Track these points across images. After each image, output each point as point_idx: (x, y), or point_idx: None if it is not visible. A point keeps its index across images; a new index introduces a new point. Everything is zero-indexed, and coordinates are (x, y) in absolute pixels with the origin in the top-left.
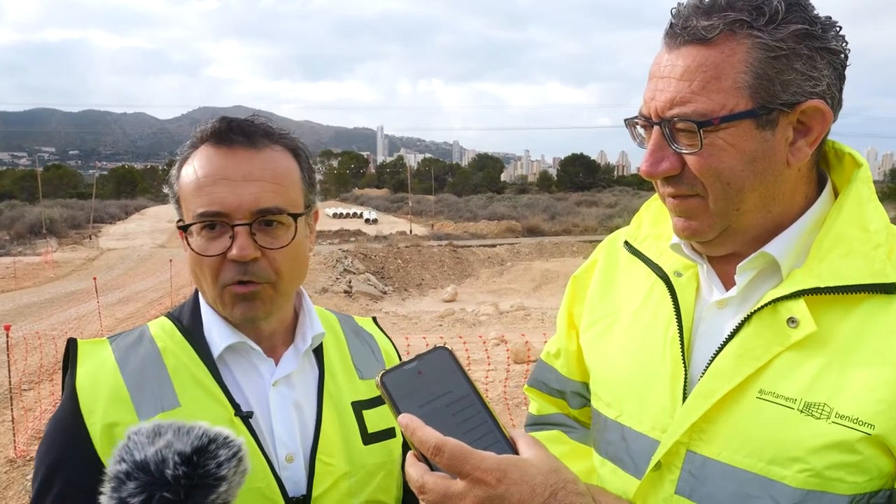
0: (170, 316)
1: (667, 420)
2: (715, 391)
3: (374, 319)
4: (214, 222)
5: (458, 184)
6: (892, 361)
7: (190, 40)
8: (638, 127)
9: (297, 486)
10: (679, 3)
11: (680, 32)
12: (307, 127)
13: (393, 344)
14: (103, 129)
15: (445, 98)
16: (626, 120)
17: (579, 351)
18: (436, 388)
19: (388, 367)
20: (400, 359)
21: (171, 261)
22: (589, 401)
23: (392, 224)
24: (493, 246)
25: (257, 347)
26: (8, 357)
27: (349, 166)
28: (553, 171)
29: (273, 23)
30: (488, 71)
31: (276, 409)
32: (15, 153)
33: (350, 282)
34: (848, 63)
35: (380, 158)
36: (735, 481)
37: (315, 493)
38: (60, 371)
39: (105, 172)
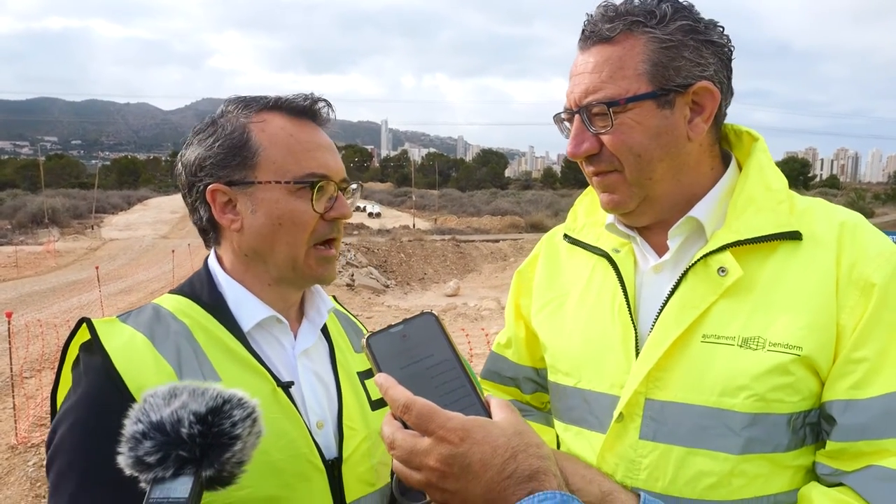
0: (181, 293)
1: (623, 376)
2: (664, 340)
3: (335, 298)
4: (322, 184)
5: (462, 179)
6: (807, 296)
7: (192, 31)
8: (564, 122)
9: (329, 451)
10: (588, 14)
11: (589, 35)
12: None
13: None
14: (106, 119)
15: (450, 93)
16: (554, 116)
17: (528, 337)
18: (419, 351)
19: (374, 331)
20: None
21: (173, 251)
22: (540, 385)
23: (395, 218)
24: (497, 241)
25: (285, 321)
26: (10, 345)
27: (353, 160)
28: (557, 168)
29: (276, 14)
30: (493, 66)
31: (304, 380)
32: (17, 142)
33: (353, 275)
34: (733, 57)
35: (384, 152)
36: (692, 417)
37: (344, 455)
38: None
39: (108, 163)
